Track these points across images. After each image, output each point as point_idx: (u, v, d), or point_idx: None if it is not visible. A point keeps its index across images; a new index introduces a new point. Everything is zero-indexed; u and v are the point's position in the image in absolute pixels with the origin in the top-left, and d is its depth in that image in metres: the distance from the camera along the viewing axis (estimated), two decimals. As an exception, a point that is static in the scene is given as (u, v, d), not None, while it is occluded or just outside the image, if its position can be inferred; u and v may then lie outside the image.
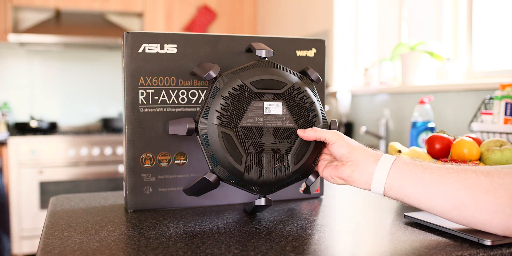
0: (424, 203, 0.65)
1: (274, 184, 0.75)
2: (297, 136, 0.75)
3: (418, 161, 0.67)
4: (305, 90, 0.76)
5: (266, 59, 0.77)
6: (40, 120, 3.32)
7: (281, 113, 0.75)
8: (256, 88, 0.73)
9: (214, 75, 0.75)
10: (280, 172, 0.74)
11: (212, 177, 0.74)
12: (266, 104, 0.74)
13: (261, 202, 0.76)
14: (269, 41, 0.87)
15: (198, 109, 0.84)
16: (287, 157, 0.74)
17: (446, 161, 0.91)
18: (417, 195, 0.65)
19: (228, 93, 0.72)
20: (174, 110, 0.83)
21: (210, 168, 0.75)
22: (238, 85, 0.73)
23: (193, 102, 0.84)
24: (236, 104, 0.73)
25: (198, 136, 0.74)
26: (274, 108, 0.74)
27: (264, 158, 0.73)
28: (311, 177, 0.77)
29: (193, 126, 0.74)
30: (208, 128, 0.72)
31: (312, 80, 0.79)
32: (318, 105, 0.77)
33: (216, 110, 0.72)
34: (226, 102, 0.72)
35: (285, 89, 0.75)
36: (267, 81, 0.74)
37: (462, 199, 0.62)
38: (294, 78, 0.76)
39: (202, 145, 0.74)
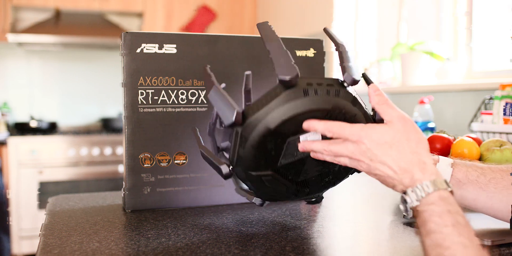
0: (478, 210, 0.67)
1: (323, 191, 0.74)
2: None
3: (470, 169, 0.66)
4: (344, 108, 0.63)
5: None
6: (40, 120, 3.32)
7: (321, 137, 0.65)
8: (289, 128, 0.63)
9: (238, 121, 0.63)
10: (330, 183, 0.71)
11: (259, 202, 0.73)
12: (302, 137, 0.63)
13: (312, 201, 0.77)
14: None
15: (198, 109, 0.84)
16: (335, 172, 0.69)
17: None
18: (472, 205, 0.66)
19: (258, 143, 0.63)
20: (174, 110, 0.83)
21: (261, 202, 0.73)
22: (268, 133, 0.62)
23: (192, 102, 0.84)
24: (269, 150, 0.64)
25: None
26: (312, 136, 0.64)
27: (311, 181, 0.69)
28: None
29: (229, 172, 0.67)
30: (246, 175, 0.66)
31: (348, 85, 0.65)
32: (361, 115, 0.65)
33: (250, 160, 0.64)
34: (258, 151, 0.63)
35: (321, 117, 0.63)
36: (301, 116, 0.62)
37: None
38: (330, 101, 0.62)
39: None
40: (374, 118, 0.67)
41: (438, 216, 0.50)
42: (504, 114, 1.16)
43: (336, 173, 0.69)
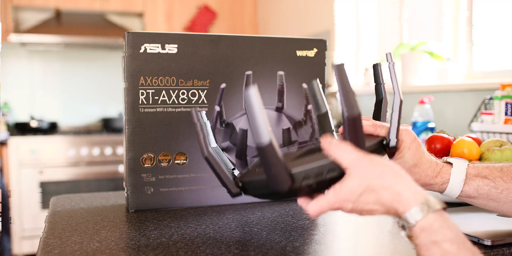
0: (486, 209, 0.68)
1: None
2: None
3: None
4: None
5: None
6: (40, 120, 3.32)
7: None
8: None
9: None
10: None
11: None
12: None
13: None
14: (270, 41, 0.87)
15: (198, 109, 0.84)
16: None
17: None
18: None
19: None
20: (174, 110, 0.83)
21: None
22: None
23: (193, 102, 0.84)
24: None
25: None
26: None
27: None
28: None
29: (238, 191, 0.66)
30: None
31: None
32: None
33: (256, 196, 0.66)
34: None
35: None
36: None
37: None
38: (328, 182, 0.58)
39: None
40: (388, 144, 0.65)
41: (425, 249, 0.50)
42: (506, 114, 1.16)
43: None
